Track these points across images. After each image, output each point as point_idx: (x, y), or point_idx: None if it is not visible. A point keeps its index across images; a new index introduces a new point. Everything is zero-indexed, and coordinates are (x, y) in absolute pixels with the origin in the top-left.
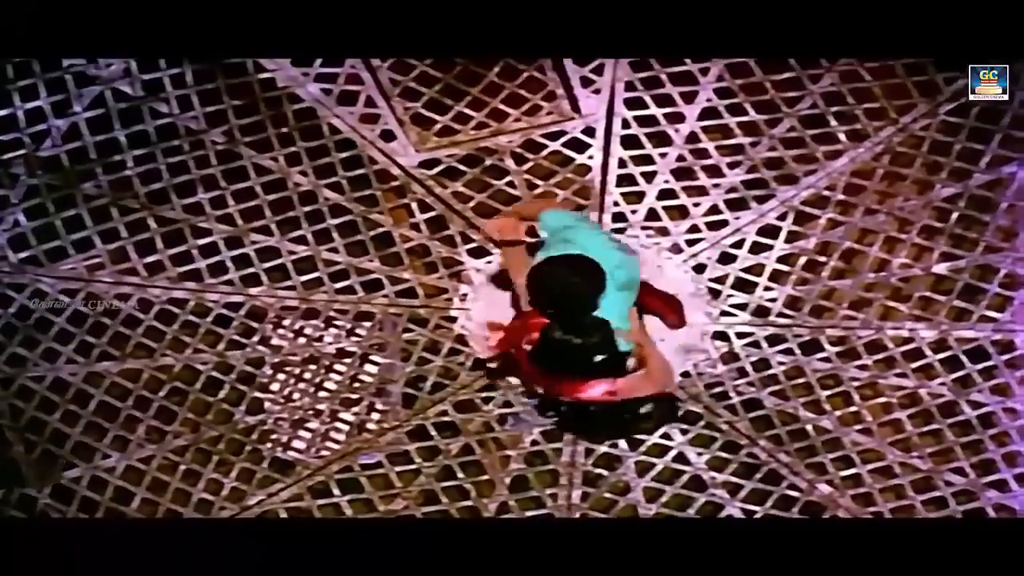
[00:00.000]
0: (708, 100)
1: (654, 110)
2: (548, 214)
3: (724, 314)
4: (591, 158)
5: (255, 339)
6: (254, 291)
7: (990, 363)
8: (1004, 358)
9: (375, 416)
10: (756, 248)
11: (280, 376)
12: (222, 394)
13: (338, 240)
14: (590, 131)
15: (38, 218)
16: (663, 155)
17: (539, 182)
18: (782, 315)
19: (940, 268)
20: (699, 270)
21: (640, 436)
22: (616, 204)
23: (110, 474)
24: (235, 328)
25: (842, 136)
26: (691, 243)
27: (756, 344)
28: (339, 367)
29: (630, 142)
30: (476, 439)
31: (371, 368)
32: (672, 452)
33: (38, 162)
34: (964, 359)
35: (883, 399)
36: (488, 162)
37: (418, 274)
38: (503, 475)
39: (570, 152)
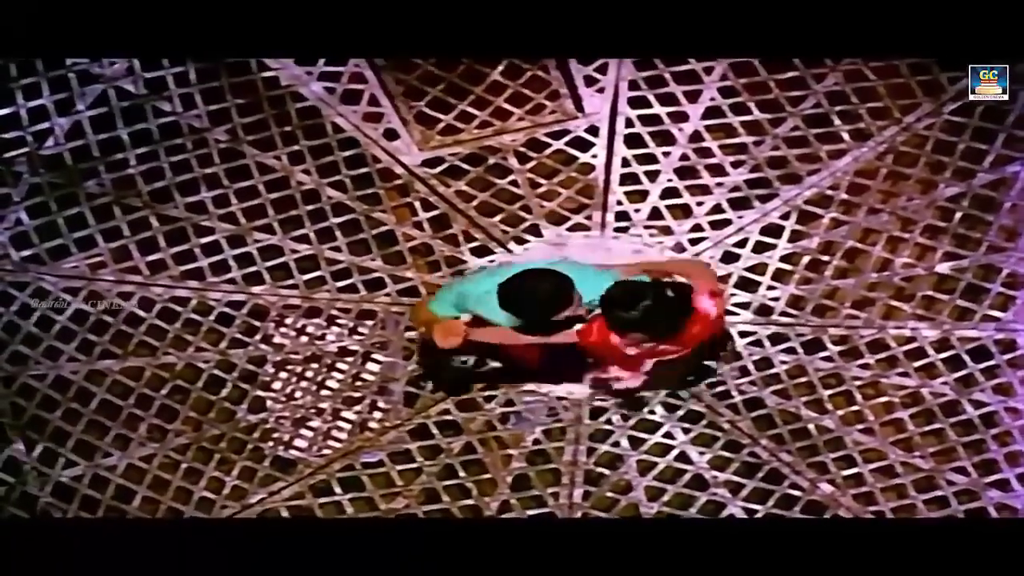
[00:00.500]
0: (712, 99)
1: (658, 109)
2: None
3: (727, 313)
4: (595, 157)
5: (257, 337)
6: (256, 289)
7: (992, 363)
8: (1006, 357)
9: (377, 415)
10: (759, 247)
11: (282, 374)
12: (224, 392)
13: (341, 238)
14: (594, 130)
15: (40, 216)
16: (666, 154)
17: (542, 181)
18: (785, 314)
19: (943, 267)
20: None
21: (642, 434)
22: (619, 203)
23: (111, 472)
24: (237, 326)
25: (846, 135)
26: (694, 242)
27: (758, 343)
28: (341, 366)
29: (634, 141)
30: (478, 438)
31: (373, 367)
32: (674, 451)
33: (41, 160)
34: (966, 358)
35: (885, 398)
36: (491, 161)
37: (421, 273)
38: (505, 474)
39: (574, 151)
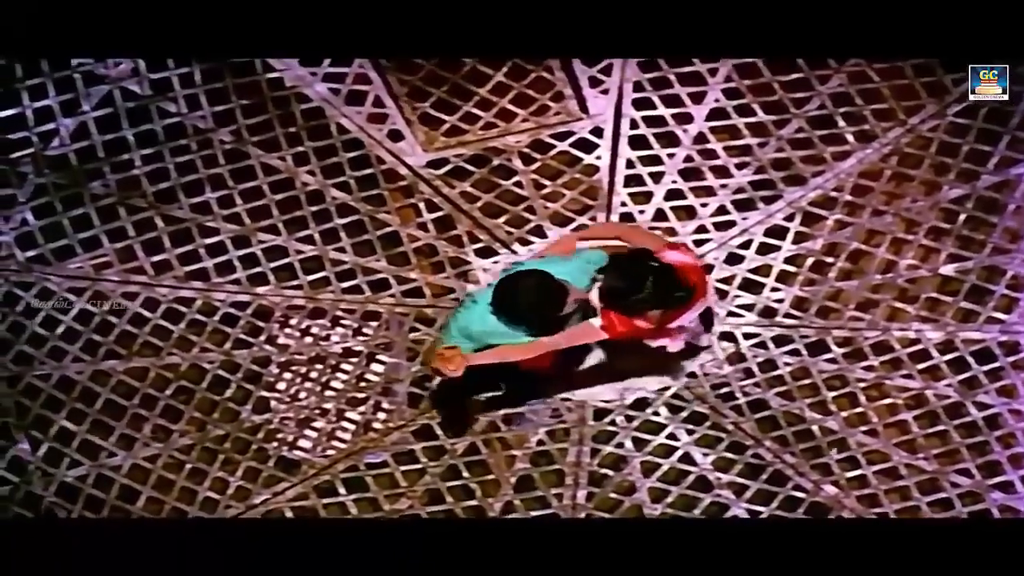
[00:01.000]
0: (716, 101)
1: (662, 110)
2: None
3: (731, 315)
4: (599, 158)
5: (262, 338)
6: (261, 290)
7: (996, 364)
8: (1011, 359)
9: (381, 415)
10: (763, 249)
11: (286, 375)
12: (228, 393)
13: (345, 239)
14: (598, 131)
15: (46, 217)
16: (671, 155)
17: (547, 182)
18: (789, 316)
19: (947, 269)
20: (707, 270)
21: (646, 435)
22: (624, 204)
23: (116, 472)
24: (242, 327)
25: (850, 137)
26: (698, 243)
27: (763, 345)
28: (345, 366)
29: (638, 142)
30: (482, 439)
31: (377, 367)
32: (678, 452)
33: (46, 161)
34: (971, 360)
35: (889, 400)
36: (496, 162)
37: (425, 274)
38: (508, 475)
39: (578, 152)
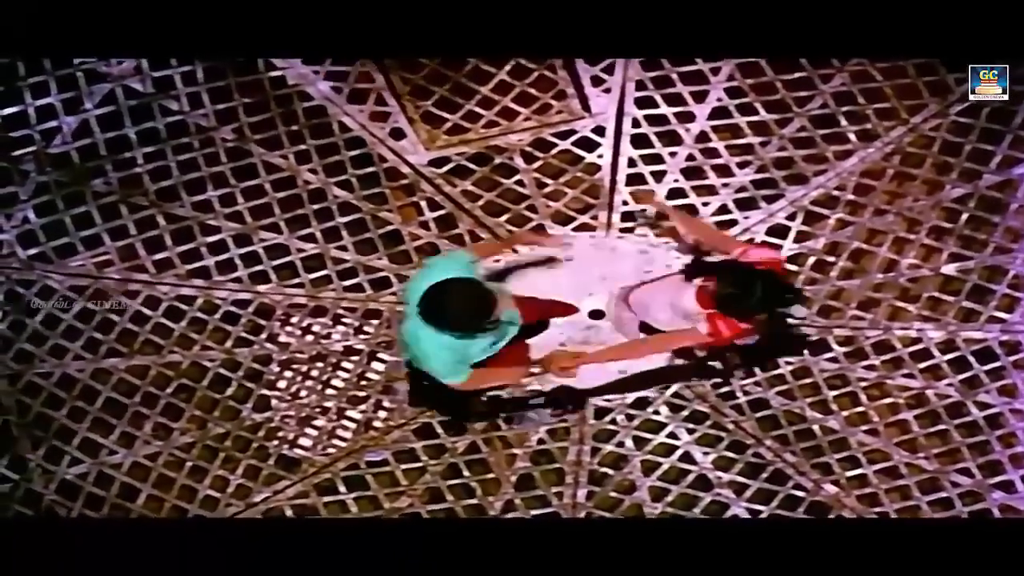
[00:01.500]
0: (718, 99)
1: (664, 109)
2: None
3: None
4: (601, 157)
5: (263, 336)
6: (262, 288)
7: (998, 364)
8: (1012, 359)
9: (382, 414)
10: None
11: (287, 373)
12: (229, 391)
13: (347, 238)
14: (600, 130)
15: (47, 215)
16: (673, 154)
17: (549, 181)
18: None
19: (949, 269)
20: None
21: (647, 434)
22: (625, 203)
23: (116, 470)
24: (243, 325)
25: (852, 136)
26: None
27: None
28: (346, 365)
29: (640, 141)
30: (482, 437)
31: (378, 366)
32: (678, 451)
33: (48, 159)
34: (972, 360)
35: (890, 399)
36: (498, 160)
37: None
38: (509, 473)
39: (580, 151)
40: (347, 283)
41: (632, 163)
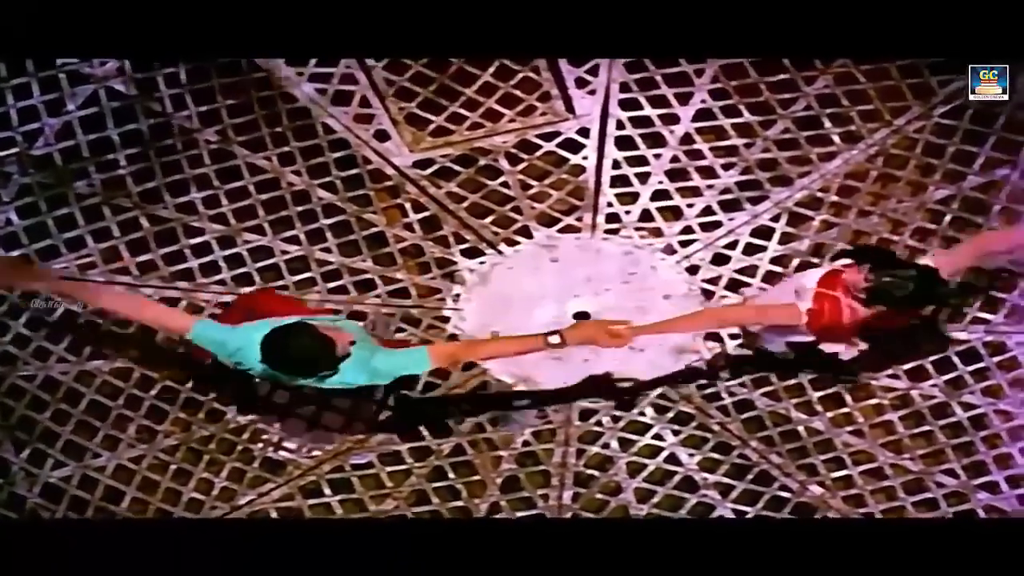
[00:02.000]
0: (702, 101)
1: (648, 111)
2: None
3: None
4: (585, 159)
5: None
6: (247, 291)
7: (982, 365)
8: (996, 360)
9: None
10: (750, 249)
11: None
12: (213, 393)
13: (331, 240)
14: (584, 132)
15: (30, 217)
16: (657, 156)
17: (533, 182)
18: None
19: None
20: (692, 271)
21: (632, 435)
22: (610, 205)
23: (100, 473)
24: None
25: (836, 138)
26: (685, 244)
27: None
28: None
29: (624, 143)
30: (468, 439)
31: None
32: (664, 453)
33: (30, 160)
34: (956, 361)
35: (875, 400)
36: (482, 162)
37: (411, 274)
38: (494, 475)
39: (564, 153)
40: (331, 285)
41: (617, 165)
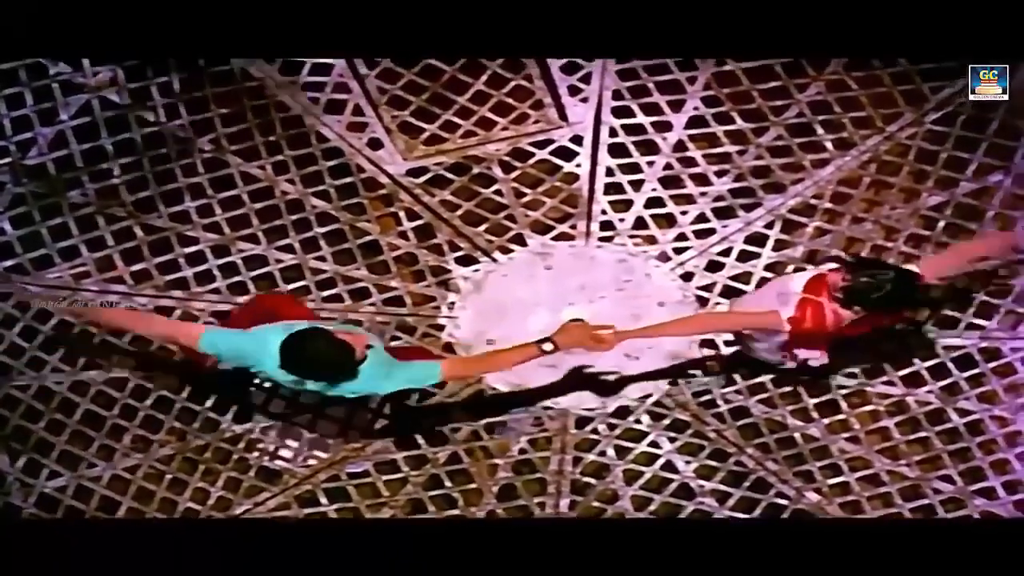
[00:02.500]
0: (695, 108)
1: (641, 118)
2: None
3: None
4: (579, 166)
5: None
6: (242, 300)
7: (977, 371)
8: (991, 366)
9: None
10: (743, 256)
11: (267, 384)
12: (209, 403)
13: (325, 248)
14: (578, 139)
15: (24, 226)
16: (650, 163)
17: (527, 190)
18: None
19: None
20: (687, 278)
21: (628, 443)
22: (604, 212)
23: (96, 483)
24: None
25: (829, 144)
26: (678, 251)
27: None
28: None
29: (617, 150)
30: (464, 447)
31: None
32: (660, 460)
33: (24, 170)
34: (951, 367)
35: (871, 407)
36: (476, 170)
37: (406, 282)
38: (491, 484)
39: (558, 160)
40: (326, 293)
41: (610, 172)
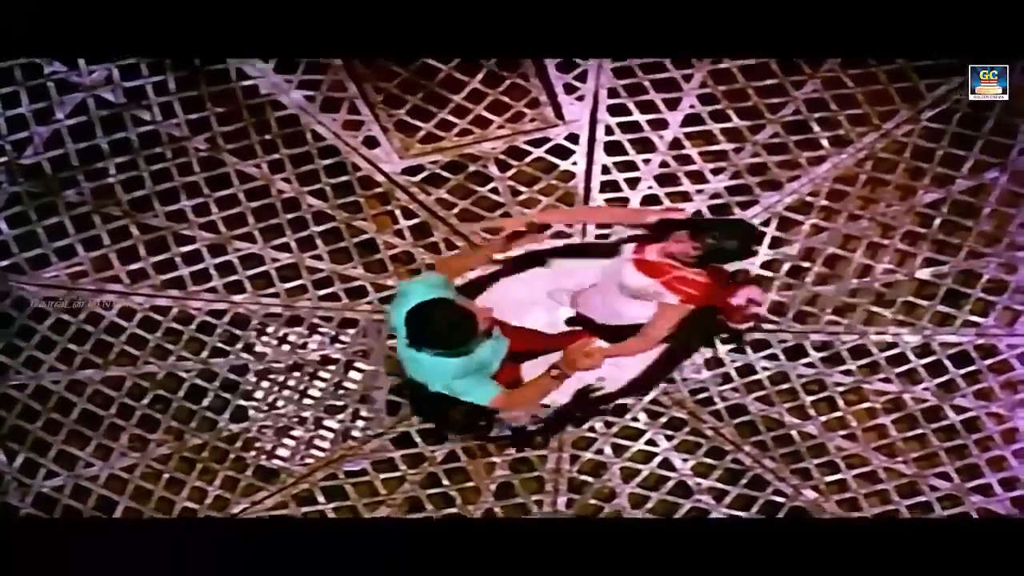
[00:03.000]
0: (691, 106)
1: (637, 116)
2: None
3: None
4: (575, 164)
5: (239, 346)
6: (237, 298)
7: (973, 368)
8: (987, 363)
9: (360, 423)
10: None
11: (264, 383)
12: (206, 402)
13: (322, 247)
14: (574, 137)
15: (20, 226)
16: (646, 161)
17: (523, 188)
18: (766, 320)
19: (923, 273)
20: None
21: (626, 441)
22: None
23: (93, 482)
24: (218, 335)
25: (825, 142)
26: None
27: (741, 349)
28: (323, 374)
29: (614, 148)
30: (461, 446)
31: (355, 375)
32: (657, 458)
33: (20, 169)
34: (948, 364)
35: (867, 404)
36: (472, 168)
37: (402, 280)
38: (488, 482)
39: (554, 158)
40: (322, 292)
41: (606, 170)
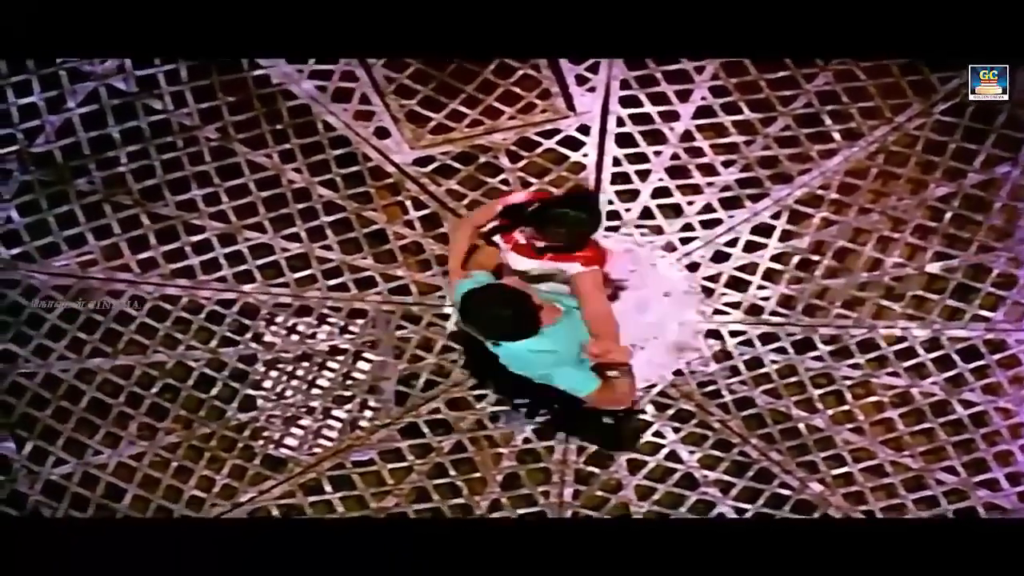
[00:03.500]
0: (703, 99)
1: (649, 108)
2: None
3: (717, 312)
4: (586, 156)
5: (248, 336)
6: (247, 288)
7: (982, 362)
8: (996, 357)
9: (367, 413)
10: (750, 247)
11: (272, 373)
12: (214, 391)
13: (332, 237)
14: (585, 129)
15: (31, 214)
16: (657, 153)
17: (533, 180)
18: (775, 313)
19: (933, 267)
20: (693, 268)
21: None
22: (610, 202)
23: (101, 471)
24: (228, 325)
25: (836, 135)
26: (685, 241)
27: (749, 342)
28: (332, 364)
29: (625, 140)
30: (468, 437)
31: (364, 365)
32: (664, 450)
33: (31, 158)
34: (956, 358)
35: (875, 398)
36: (482, 160)
37: (411, 271)
38: (495, 473)
39: (565, 150)
40: (332, 282)
41: (617, 162)
